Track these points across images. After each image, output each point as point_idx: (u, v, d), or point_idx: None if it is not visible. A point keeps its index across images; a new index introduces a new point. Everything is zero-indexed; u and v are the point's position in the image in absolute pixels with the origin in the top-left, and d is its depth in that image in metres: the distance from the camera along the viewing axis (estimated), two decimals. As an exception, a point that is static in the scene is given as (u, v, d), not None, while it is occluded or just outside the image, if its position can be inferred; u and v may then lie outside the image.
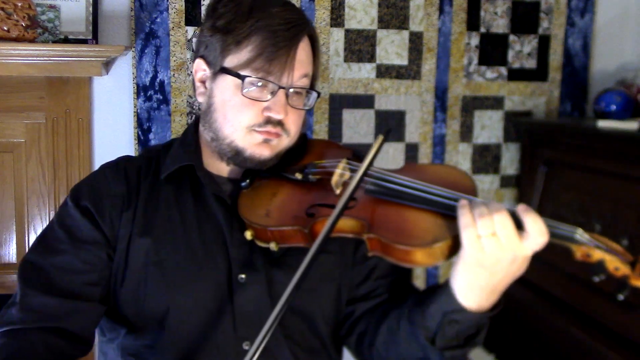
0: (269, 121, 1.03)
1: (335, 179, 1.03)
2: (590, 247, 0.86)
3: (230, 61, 1.03)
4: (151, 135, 2.02)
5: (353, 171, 1.04)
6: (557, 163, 2.00)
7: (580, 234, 0.87)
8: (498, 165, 2.31)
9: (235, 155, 1.06)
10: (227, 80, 1.04)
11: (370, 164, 0.95)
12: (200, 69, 1.09)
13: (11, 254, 1.93)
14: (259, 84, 1.02)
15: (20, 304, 1.02)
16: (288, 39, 1.01)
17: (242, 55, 1.02)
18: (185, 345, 1.04)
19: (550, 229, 0.86)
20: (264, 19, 1.01)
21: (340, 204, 0.90)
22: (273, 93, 1.02)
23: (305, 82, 1.07)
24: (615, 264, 0.85)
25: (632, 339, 1.60)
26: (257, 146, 1.04)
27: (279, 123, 1.04)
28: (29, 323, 1.00)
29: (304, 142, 1.17)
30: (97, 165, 1.99)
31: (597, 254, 0.86)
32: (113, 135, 2.02)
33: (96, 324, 1.08)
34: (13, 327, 1.00)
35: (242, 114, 1.03)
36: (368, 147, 2.13)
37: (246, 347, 1.02)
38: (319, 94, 1.10)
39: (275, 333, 1.03)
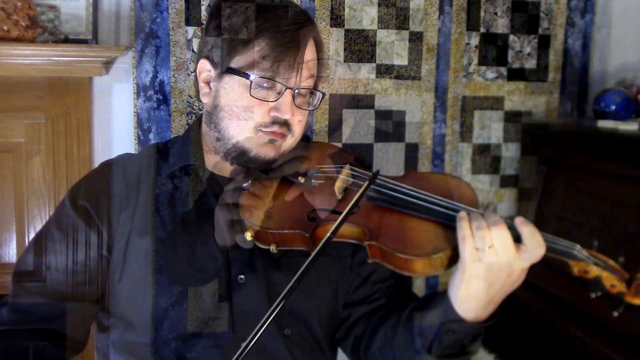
0: (275, 121, 1.03)
1: (338, 184, 1.03)
2: (587, 264, 0.87)
3: (237, 62, 1.02)
4: (151, 135, 2.02)
5: (356, 177, 1.05)
6: (557, 163, 2.00)
7: (579, 250, 0.88)
8: (498, 165, 2.31)
9: (239, 155, 1.06)
10: (234, 81, 1.03)
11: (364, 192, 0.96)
12: (205, 69, 1.07)
13: (11, 254, 1.93)
14: (266, 84, 1.01)
15: (11, 305, 1.02)
16: (296, 39, 1.01)
17: (249, 56, 1.01)
18: (183, 344, 1.04)
19: (549, 244, 0.87)
20: (271, 20, 1.00)
21: (342, 217, 0.90)
22: (280, 93, 1.02)
23: (310, 82, 1.07)
24: (612, 281, 0.87)
25: (632, 339, 1.60)
26: (263, 146, 1.04)
27: (285, 123, 1.03)
28: (19, 324, 1.01)
29: (306, 145, 1.17)
30: (97, 165, 2.00)
31: (595, 271, 0.87)
32: (113, 135, 2.03)
33: (89, 324, 1.08)
34: (2, 328, 1.01)
35: (249, 114, 1.03)
36: (368, 148, 2.14)
37: None
38: (323, 95, 1.10)
39: (273, 333, 1.04)
